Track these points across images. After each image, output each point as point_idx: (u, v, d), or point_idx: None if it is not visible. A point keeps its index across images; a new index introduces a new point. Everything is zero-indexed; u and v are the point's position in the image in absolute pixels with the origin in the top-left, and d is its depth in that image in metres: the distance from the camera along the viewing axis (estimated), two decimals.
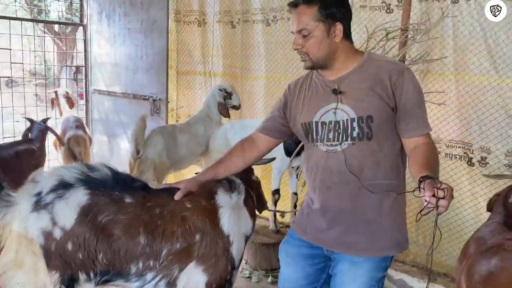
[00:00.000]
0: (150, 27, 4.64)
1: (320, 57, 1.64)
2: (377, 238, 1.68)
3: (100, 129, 5.35)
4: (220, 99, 4.07)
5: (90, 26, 5.23)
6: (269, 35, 4.31)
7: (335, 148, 1.67)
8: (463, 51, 3.11)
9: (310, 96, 1.76)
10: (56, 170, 1.85)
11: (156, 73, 4.64)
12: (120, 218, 1.75)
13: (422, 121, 1.62)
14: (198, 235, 1.82)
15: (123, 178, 1.86)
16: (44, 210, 1.69)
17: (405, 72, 1.62)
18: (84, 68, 5.43)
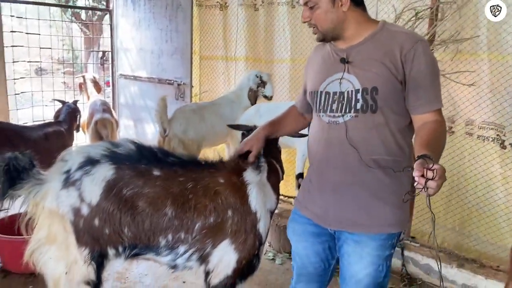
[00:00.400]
0: (175, 11, 4.65)
1: (329, 28, 1.60)
2: (377, 214, 1.63)
3: (126, 113, 5.43)
4: (253, 85, 4.01)
5: (116, 11, 5.27)
6: (294, 17, 4.25)
7: (337, 119, 1.63)
8: (497, 29, 2.98)
9: (320, 65, 1.74)
10: (82, 148, 1.92)
11: (180, 57, 4.67)
12: (146, 191, 1.77)
13: (433, 97, 1.55)
14: (230, 211, 1.84)
15: (151, 151, 1.89)
16: (73, 187, 1.74)
17: (418, 43, 1.53)
18: (111, 53, 5.50)
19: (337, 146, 1.63)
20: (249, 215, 1.88)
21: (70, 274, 1.78)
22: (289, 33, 4.31)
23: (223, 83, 5.02)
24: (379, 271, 1.68)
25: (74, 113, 4.02)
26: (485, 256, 3.21)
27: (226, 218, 1.83)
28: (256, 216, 1.89)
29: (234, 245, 1.85)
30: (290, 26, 4.30)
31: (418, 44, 1.53)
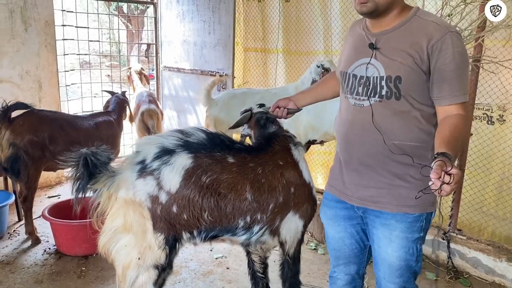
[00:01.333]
0: (218, 3, 4.71)
1: (385, 2, 1.56)
2: (398, 194, 1.65)
3: (170, 105, 5.56)
4: (315, 76, 3.87)
5: (160, 4, 5.39)
6: (326, 8, 4.22)
7: (362, 102, 1.66)
8: None
9: (352, 45, 1.75)
10: (153, 139, 1.97)
11: (223, 49, 4.74)
12: (225, 177, 1.88)
13: (457, 90, 1.53)
14: (292, 188, 2.03)
15: (221, 139, 2.00)
16: (151, 176, 1.81)
17: (447, 35, 1.51)
18: (155, 46, 5.63)
19: (361, 128, 1.67)
20: (306, 187, 2.08)
21: (142, 260, 1.86)
22: (322, 25, 4.29)
23: (266, 74, 5.05)
24: (410, 254, 1.69)
25: (123, 104, 4.16)
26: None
27: (290, 194, 2.02)
28: (310, 186, 2.11)
29: (298, 214, 2.06)
30: (322, 18, 4.27)
31: (446, 36, 1.51)
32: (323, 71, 3.83)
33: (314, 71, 3.88)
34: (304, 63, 4.54)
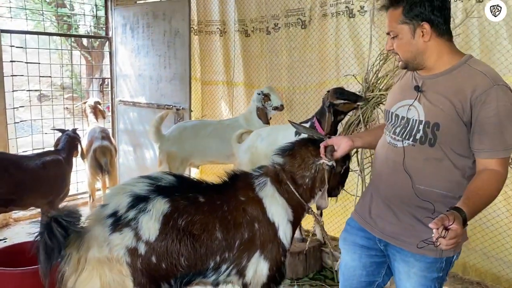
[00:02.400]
0: (173, 38, 4.71)
1: (409, 58, 1.64)
2: (419, 236, 1.62)
3: (126, 139, 5.44)
4: (258, 103, 3.99)
5: (115, 38, 5.34)
6: (279, 43, 4.30)
7: (396, 143, 1.71)
8: (490, 50, 3.01)
9: (399, 85, 1.82)
10: (120, 188, 1.89)
11: (179, 83, 4.71)
12: (198, 218, 1.85)
13: (498, 144, 1.51)
14: (256, 224, 1.98)
15: (189, 180, 2.02)
16: (127, 227, 1.72)
17: (493, 88, 1.50)
18: (110, 79, 5.55)
19: (392, 167, 1.71)
20: (270, 225, 2.01)
21: None
22: (286, 59, 4.36)
23: (224, 108, 5.06)
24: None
25: (73, 141, 4.02)
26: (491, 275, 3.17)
27: (255, 230, 1.97)
28: (275, 226, 2.02)
29: (263, 255, 1.99)
30: (286, 51, 4.35)
31: (492, 89, 1.50)
32: (263, 97, 3.98)
33: (256, 98, 4.01)
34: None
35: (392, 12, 1.62)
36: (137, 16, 5.04)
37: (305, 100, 4.31)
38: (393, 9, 1.62)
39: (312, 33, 4.13)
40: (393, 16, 1.62)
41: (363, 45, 3.75)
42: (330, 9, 3.91)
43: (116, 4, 5.25)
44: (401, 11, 1.60)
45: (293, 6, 4.21)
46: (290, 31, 4.27)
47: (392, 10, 1.63)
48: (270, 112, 4.04)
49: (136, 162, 5.35)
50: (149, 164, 5.19)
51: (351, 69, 3.84)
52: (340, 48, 3.91)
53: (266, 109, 4.00)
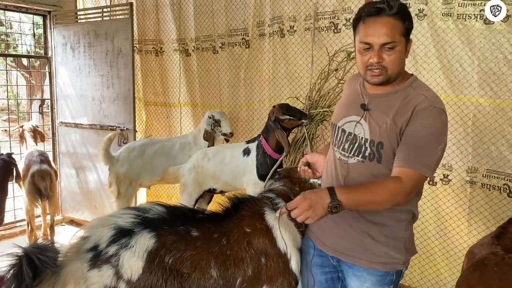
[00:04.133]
0: (116, 57, 4.66)
1: (397, 72, 1.60)
2: (369, 250, 1.71)
3: (68, 162, 5.26)
4: (207, 127, 3.98)
5: (55, 58, 5.20)
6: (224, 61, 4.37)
7: (346, 159, 1.72)
8: (417, 69, 3.19)
9: (346, 99, 1.81)
10: (104, 220, 1.71)
11: (123, 103, 4.65)
12: (188, 254, 1.67)
13: (413, 156, 1.52)
14: (263, 258, 1.79)
15: (181, 211, 1.81)
16: (107, 264, 1.56)
17: (429, 108, 1.54)
18: (50, 100, 5.38)
19: (342, 183, 1.72)
20: (280, 257, 1.84)
21: None
22: (232, 77, 4.42)
23: (170, 127, 5.03)
24: None
25: (8, 166, 3.85)
26: None
27: (261, 265, 1.79)
28: (287, 257, 1.85)
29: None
30: (232, 70, 4.42)
31: (428, 109, 1.54)
32: (213, 122, 3.99)
33: (206, 121, 4.02)
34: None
35: (394, 22, 1.55)
36: (78, 35, 4.94)
37: (250, 118, 4.37)
38: (394, 18, 1.55)
39: (254, 53, 4.24)
40: (396, 26, 1.55)
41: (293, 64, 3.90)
42: (268, 29, 4.04)
43: (56, 23, 5.13)
44: (403, 23, 1.56)
45: (237, 26, 4.29)
46: (235, 50, 4.35)
47: (393, 19, 1.55)
48: (219, 136, 4.04)
49: (79, 186, 5.19)
50: (92, 187, 5.06)
51: (284, 87, 3.97)
52: (274, 67, 4.05)
53: (215, 133, 4.00)
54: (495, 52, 2.90)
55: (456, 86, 3.07)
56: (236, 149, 3.57)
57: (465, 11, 2.96)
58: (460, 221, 3.20)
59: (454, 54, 3.03)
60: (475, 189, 3.14)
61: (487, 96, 2.99)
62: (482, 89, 2.99)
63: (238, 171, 3.48)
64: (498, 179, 3.04)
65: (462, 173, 3.15)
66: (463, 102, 3.05)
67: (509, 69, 2.88)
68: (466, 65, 3.00)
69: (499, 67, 2.89)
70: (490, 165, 3.07)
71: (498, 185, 3.05)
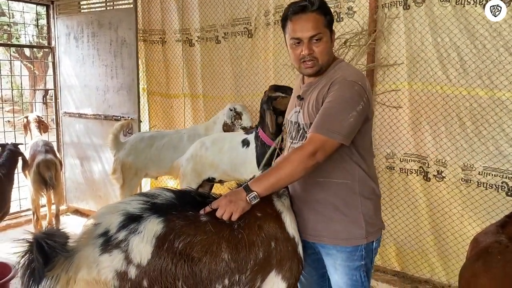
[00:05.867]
0: (119, 47, 4.81)
1: (326, 61, 1.82)
2: (328, 228, 1.89)
3: (72, 153, 5.45)
4: (227, 119, 4.05)
5: (58, 48, 5.37)
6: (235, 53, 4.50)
7: (294, 145, 1.94)
8: (414, 58, 3.27)
9: (292, 95, 2.05)
10: (114, 206, 1.79)
11: (127, 93, 4.80)
12: (199, 239, 1.73)
13: (319, 123, 1.71)
14: (273, 242, 1.87)
15: (191, 196, 1.88)
16: (117, 249, 1.63)
17: (341, 81, 1.75)
18: (54, 91, 5.55)
19: None
20: (289, 241, 1.92)
21: None
22: (235, 67, 4.54)
23: (173, 118, 5.17)
24: (354, 281, 1.91)
25: (15, 157, 4.03)
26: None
27: (271, 249, 1.86)
28: (294, 241, 1.94)
29: (281, 274, 1.88)
30: (229, 63, 4.54)
31: (340, 82, 1.75)
32: (235, 115, 4.06)
33: (226, 114, 4.09)
34: (212, 107, 4.76)
35: (317, 16, 1.76)
36: (81, 25, 5.11)
37: (254, 108, 4.49)
38: (317, 13, 1.76)
39: (258, 42, 4.35)
40: (319, 20, 1.76)
41: None
42: (272, 18, 4.15)
43: (59, 13, 5.29)
44: (324, 16, 1.78)
45: (240, 15, 4.41)
46: (237, 40, 4.47)
47: (316, 14, 1.76)
48: (238, 129, 4.11)
49: (83, 176, 5.37)
50: (97, 177, 5.24)
51: (287, 76, 4.07)
52: (278, 56, 4.15)
53: (234, 126, 4.07)
54: (495, 39, 2.93)
55: (453, 76, 3.12)
56: (234, 138, 3.67)
57: None
58: (454, 222, 3.26)
59: (451, 42, 3.08)
60: (470, 188, 3.17)
61: (485, 87, 3.02)
62: (480, 79, 3.02)
63: (237, 162, 3.58)
64: (496, 177, 3.05)
65: (457, 169, 3.20)
66: (460, 92, 3.10)
67: (510, 57, 2.90)
68: (464, 54, 3.05)
69: (498, 55, 2.94)
70: (487, 162, 3.08)
71: (495, 184, 3.06)
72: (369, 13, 3.44)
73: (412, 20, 3.27)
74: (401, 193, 3.54)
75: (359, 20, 3.53)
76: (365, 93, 1.76)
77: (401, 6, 3.30)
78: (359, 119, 1.74)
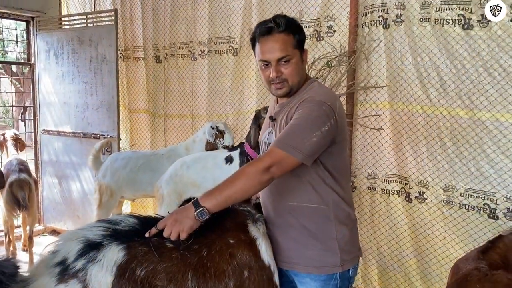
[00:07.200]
0: (99, 65, 4.74)
1: (297, 82, 1.77)
2: (301, 255, 1.80)
3: (50, 171, 5.33)
4: (209, 138, 3.94)
5: (38, 65, 5.29)
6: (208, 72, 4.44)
7: None
8: (394, 78, 3.24)
9: (266, 117, 2.01)
10: (74, 233, 1.69)
11: (107, 111, 4.71)
12: (163, 266, 1.62)
13: (281, 138, 1.65)
14: (246, 271, 1.76)
15: (156, 222, 1.75)
16: (74, 279, 1.53)
17: (308, 100, 1.70)
18: (33, 108, 5.45)
19: (268, 190, 1.84)
20: (264, 270, 1.81)
21: None
22: (217, 85, 4.48)
23: (154, 136, 5.08)
24: None
25: None
26: None
27: (244, 279, 1.75)
28: (270, 269, 1.83)
29: None
30: (215, 79, 4.48)
31: (307, 101, 1.70)
32: (217, 133, 3.95)
33: (208, 132, 3.98)
34: (196, 125, 4.67)
35: (285, 37, 1.72)
36: (61, 41, 5.03)
37: (238, 127, 4.42)
38: (285, 34, 1.72)
39: (242, 61, 4.30)
40: (287, 41, 1.72)
41: None
42: None
43: (39, 29, 5.22)
44: (293, 36, 1.73)
45: (223, 33, 4.37)
46: (222, 58, 4.41)
47: (283, 35, 1.72)
48: (219, 148, 4.00)
49: (61, 195, 5.25)
50: (75, 196, 5.11)
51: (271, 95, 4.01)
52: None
53: (216, 145, 3.97)
54: (474, 60, 2.92)
55: (433, 95, 3.09)
56: (218, 156, 3.58)
57: (443, 15, 2.99)
58: (437, 245, 3.19)
59: (431, 62, 3.06)
60: (452, 209, 3.11)
61: (465, 107, 2.99)
62: (460, 100, 3.00)
63: (220, 180, 3.48)
64: (478, 198, 3.00)
65: (439, 190, 3.15)
66: (440, 112, 3.07)
67: (489, 77, 2.89)
68: (443, 73, 3.03)
69: (477, 75, 2.91)
70: (468, 183, 3.02)
71: (477, 205, 3.00)
72: (349, 33, 3.42)
73: (392, 39, 3.25)
74: (382, 214, 3.48)
75: (339, 39, 3.50)
76: (334, 114, 1.68)
77: (381, 25, 3.28)
78: (324, 140, 1.67)
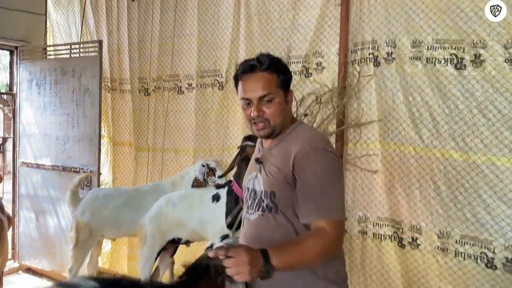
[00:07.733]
0: (82, 96, 4.60)
1: (280, 123, 1.68)
2: None
3: (28, 205, 5.10)
4: (199, 176, 3.76)
5: (19, 94, 5.14)
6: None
7: (249, 216, 1.76)
8: (385, 117, 3.13)
9: (251, 160, 1.89)
10: None
11: (88, 144, 4.55)
12: None
13: (323, 208, 1.56)
14: None
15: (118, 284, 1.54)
16: None
17: (310, 152, 1.60)
18: (13, 139, 5.28)
19: (251, 241, 1.70)
20: None
21: None
22: (202, 119, 4.34)
23: (137, 171, 4.89)
24: None
25: None
26: None
27: None
28: None
29: None
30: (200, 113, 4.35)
31: (310, 153, 1.59)
32: (208, 171, 3.78)
33: (198, 170, 3.80)
34: (181, 161, 4.51)
35: (267, 75, 1.66)
36: (44, 71, 4.90)
37: (224, 162, 4.25)
38: (268, 72, 1.66)
39: (228, 95, 4.18)
40: (270, 80, 1.65)
41: None
42: None
43: (22, 59, 5.10)
44: (277, 75, 1.67)
45: (209, 67, 4.25)
46: (206, 92, 4.29)
47: (266, 73, 1.66)
48: (211, 186, 3.78)
49: (38, 231, 5.01)
50: (52, 232, 4.88)
51: None
52: None
53: (207, 183, 3.76)
54: (467, 100, 2.82)
55: (425, 136, 2.97)
56: (205, 194, 3.42)
57: (435, 54, 2.90)
58: None
59: (423, 102, 2.95)
60: (447, 257, 2.95)
61: (460, 149, 2.86)
62: (454, 141, 2.88)
63: (206, 219, 3.31)
64: (474, 246, 2.84)
65: (433, 236, 2.99)
66: (433, 154, 2.94)
67: (484, 119, 2.78)
68: (436, 114, 2.91)
69: (471, 116, 2.80)
70: (464, 229, 2.88)
71: (474, 254, 2.84)
72: (339, 69, 3.32)
73: (382, 77, 3.15)
74: (374, 260, 3.30)
75: (328, 75, 3.40)
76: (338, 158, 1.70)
77: (371, 62, 3.19)
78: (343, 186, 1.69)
